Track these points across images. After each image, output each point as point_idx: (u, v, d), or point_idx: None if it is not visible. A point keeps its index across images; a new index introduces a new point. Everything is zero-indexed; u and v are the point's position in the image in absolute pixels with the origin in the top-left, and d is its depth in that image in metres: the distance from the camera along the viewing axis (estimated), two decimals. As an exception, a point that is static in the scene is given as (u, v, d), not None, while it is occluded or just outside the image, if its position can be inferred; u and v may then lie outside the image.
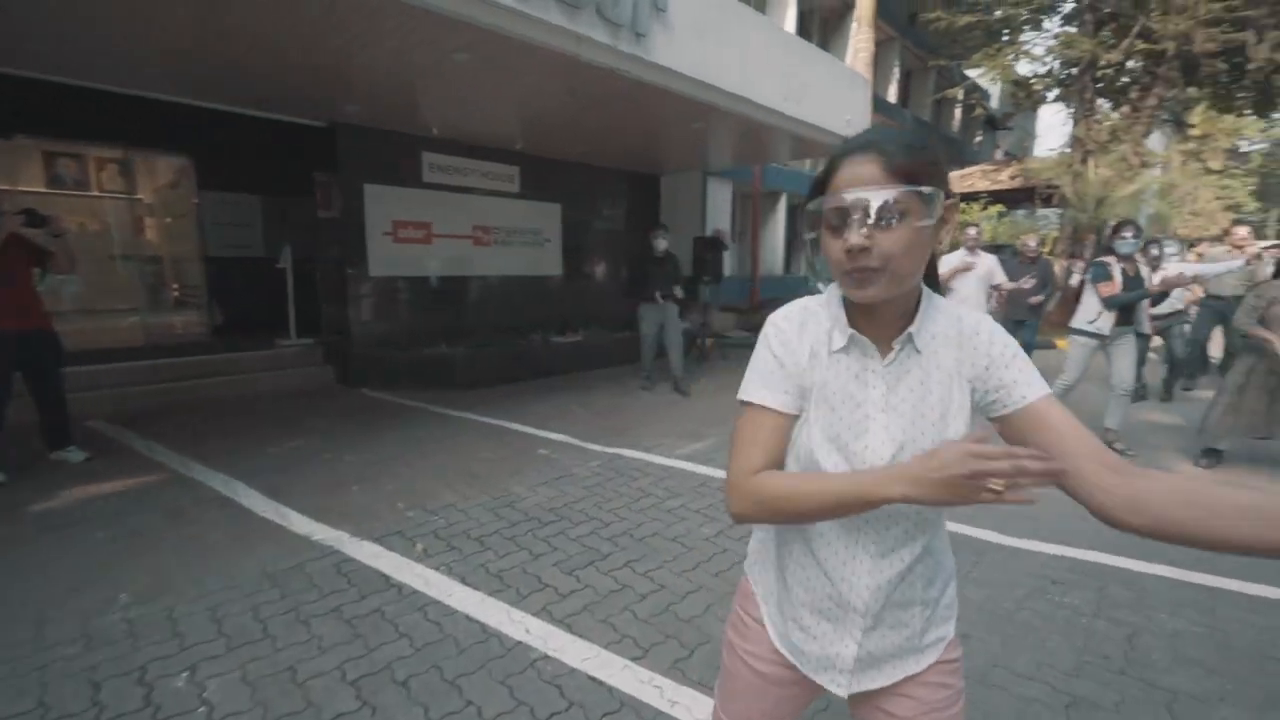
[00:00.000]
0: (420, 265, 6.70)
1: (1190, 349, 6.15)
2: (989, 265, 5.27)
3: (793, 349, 0.83)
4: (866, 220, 0.72)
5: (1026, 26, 12.49)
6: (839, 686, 0.88)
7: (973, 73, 16.48)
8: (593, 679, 1.92)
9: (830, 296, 0.85)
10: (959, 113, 21.52)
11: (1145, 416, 5.25)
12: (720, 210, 11.19)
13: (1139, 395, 5.60)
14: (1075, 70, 11.82)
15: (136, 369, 5.24)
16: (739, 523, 0.84)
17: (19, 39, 3.93)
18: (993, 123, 21.64)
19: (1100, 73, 11.76)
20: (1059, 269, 9.73)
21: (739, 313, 11.12)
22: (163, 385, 5.29)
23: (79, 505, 3.19)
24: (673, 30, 4.54)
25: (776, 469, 0.83)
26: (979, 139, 23.14)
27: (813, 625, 0.88)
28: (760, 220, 12.35)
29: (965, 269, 5.16)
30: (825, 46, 13.60)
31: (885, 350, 0.81)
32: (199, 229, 6.90)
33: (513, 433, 4.73)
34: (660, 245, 5.97)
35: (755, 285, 12.21)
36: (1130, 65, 11.67)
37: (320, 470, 3.78)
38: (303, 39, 3.86)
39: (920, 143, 0.76)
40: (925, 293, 0.82)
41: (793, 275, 13.82)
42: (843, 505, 0.73)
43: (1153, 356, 6.78)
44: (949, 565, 0.91)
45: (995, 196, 15.06)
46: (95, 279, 6.78)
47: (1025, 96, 13.84)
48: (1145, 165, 11.89)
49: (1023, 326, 5.94)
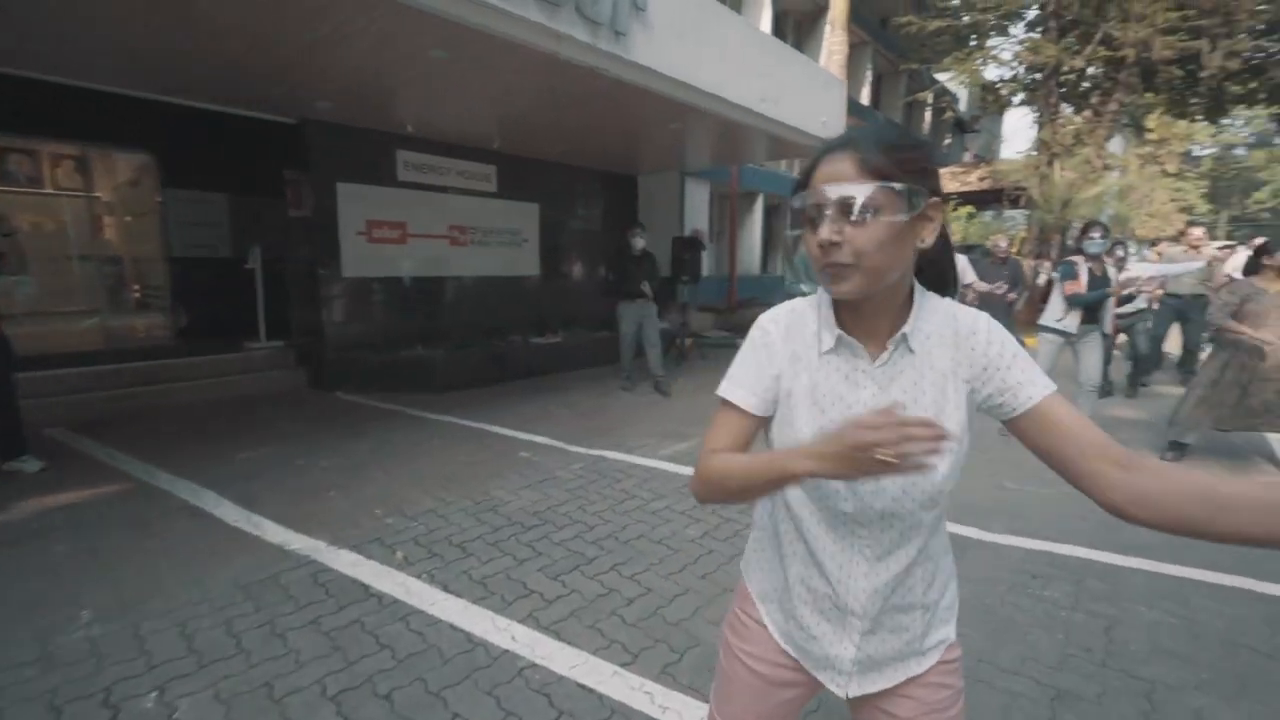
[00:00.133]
0: (395, 266, 6.57)
1: (1151, 346, 6.36)
2: (960, 265, 5.38)
3: (774, 352, 0.85)
4: (842, 216, 0.72)
5: (994, 32, 12.81)
6: (838, 687, 0.88)
7: (942, 76, 16.83)
8: (582, 686, 1.89)
9: (821, 297, 0.85)
10: (929, 115, 21.95)
11: (1112, 412, 5.40)
12: (698, 210, 11.22)
13: (1105, 391, 5.76)
14: (1040, 75, 12.15)
15: (96, 373, 5.03)
16: (699, 502, 0.89)
17: (-35, 28, 3.74)
18: (961, 126, 22.10)
19: (1063, 78, 12.12)
20: (1026, 268, 10.00)
21: (717, 312, 11.17)
22: (125, 390, 5.09)
23: (35, 518, 3.04)
24: (652, 30, 4.53)
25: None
26: (948, 141, 23.61)
27: (813, 625, 0.88)
28: (738, 221, 12.41)
29: None
30: (799, 49, 13.72)
31: (877, 350, 0.80)
32: (162, 228, 6.65)
33: (493, 435, 4.66)
34: (638, 244, 6.00)
35: (733, 285, 12.26)
36: (1091, 71, 12.05)
37: (294, 477, 3.67)
38: (272, 33, 3.74)
39: (901, 140, 0.76)
40: (919, 290, 0.81)
41: (769, 275, 13.92)
42: (766, 480, 0.75)
43: (1117, 354, 6.99)
44: (949, 566, 0.90)
45: (965, 198, 15.41)
46: (51, 280, 6.49)
47: (993, 100, 14.20)
48: (1108, 168, 12.29)
49: None
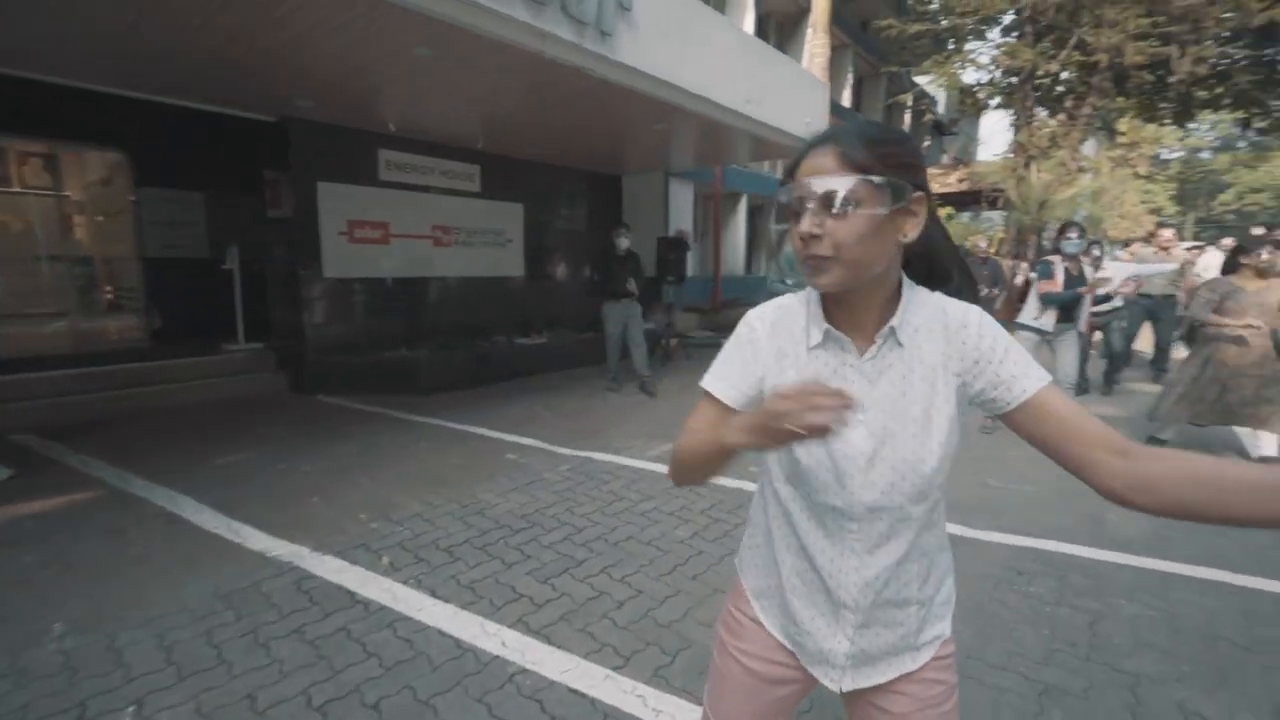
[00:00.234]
0: (378, 266, 6.47)
1: (1123, 344, 6.51)
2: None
3: (759, 349, 0.85)
4: (823, 209, 0.73)
5: (971, 36, 13.03)
6: (832, 681, 0.88)
7: (921, 80, 17.07)
8: (574, 691, 1.87)
9: (810, 293, 0.85)
10: (909, 118, 22.24)
11: (1089, 409, 5.50)
12: (682, 211, 11.23)
13: (1082, 389, 5.87)
14: (1016, 79, 12.38)
15: (67, 378, 4.89)
16: (674, 484, 0.94)
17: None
18: (940, 128, 22.43)
19: (1038, 82, 12.37)
20: (1005, 268, 10.18)
21: (701, 313, 11.20)
22: (97, 395, 4.95)
23: (4, 527, 2.93)
24: (638, 30, 4.52)
25: None
26: (927, 143, 23.96)
27: (807, 620, 0.88)
28: (722, 221, 12.46)
29: None
30: (781, 51, 13.83)
31: (865, 344, 0.80)
32: (136, 228, 6.49)
33: (479, 438, 4.61)
34: (622, 244, 6.00)
35: (717, 285, 12.31)
36: (1066, 76, 12.31)
37: (276, 482, 3.60)
38: (250, 29, 3.66)
39: (884, 135, 0.76)
40: (907, 284, 0.82)
41: (753, 275, 13.99)
42: (708, 453, 0.80)
43: (1092, 352, 7.14)
44: (945, 563, 0.90)
45: (944, 199, 15.64)
46: (18, 281, 6.30)
47: (970, 103, 14.44)
48: (1082, 170, 12.56)
49: None
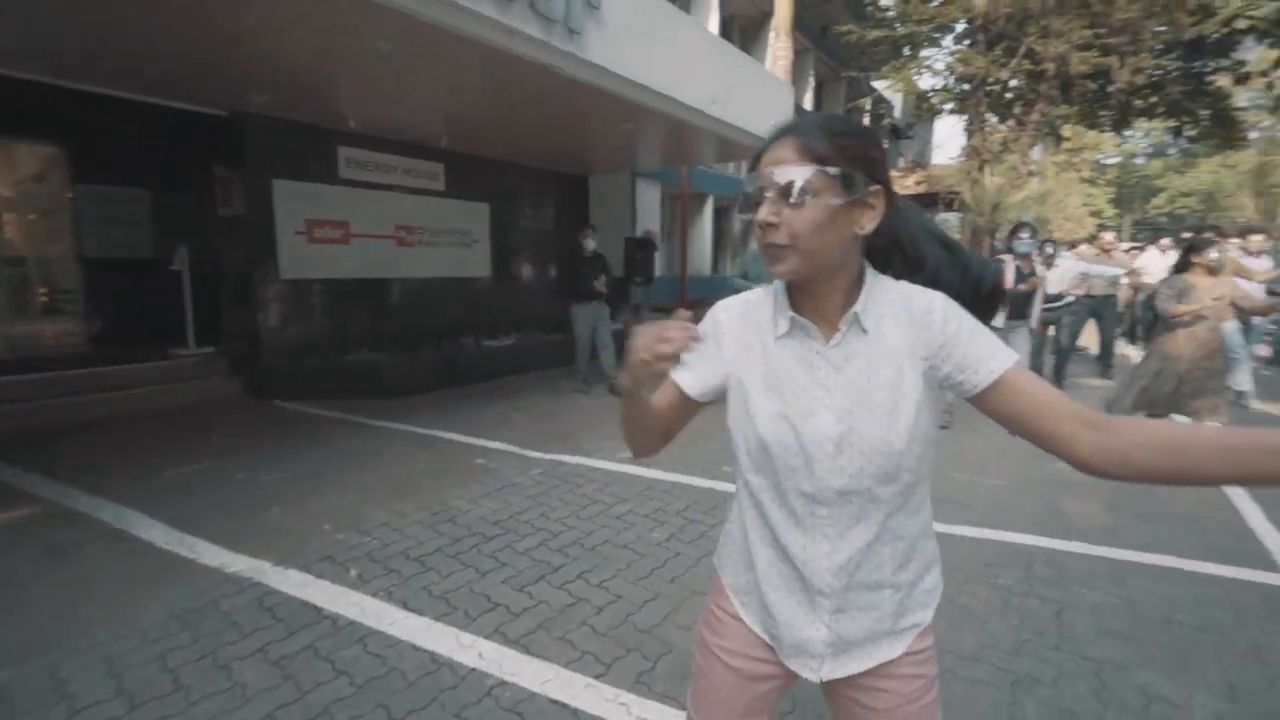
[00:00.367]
0: (338, 267, 6.26)
1: (1070, 341, 6.83)
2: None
3: (721, 340, 0.88)
4: (781, 198, 0.75)
5: (927, 43, 13.43)
6: (811, 672, 0.88)
7: (880, 84, 17.51)
8: (555, 702, 1.83)
9: (777, 284, 0.86)
10: (867, 121, 22.80)
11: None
12: (649, 211, 11.24)
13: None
14: (969, 86, 12.82)
15: (-2, 386, 4.58)
16: (635, 456, 0.97)
17: None
18: (897, 132, 23.08)
19: (989, 89, 12.83)
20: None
21: (669, 312, 11.20)
22: (31, 404, 4.64)
23: (-71, 550, 2.72)
24: (606, 29, 4.49)
25: (669, 425, 0.93)
26: (885, 146, 24.60)
27: (784, 610, 0.87)
28: (689, 221, 12.52)
29: None
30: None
31: (831, 331, 0.82)
32: (73, 227, 6.12)
33: (446, 442, 4.51)
34: (589, 245, 5.99)
35: (684, 285, 12.36)
36: (1015, 83, 12.81)
37: (233, 493, 3.44)
38: (199, 19, 3.49)
39: (844, 128, 0.78)
40: (870, 272, 0.83)
41: (720, 275, 14.10)
42: (625, 403, 0.86)
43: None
44: (928, 551, 0.89)
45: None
46: (-60, 283, 5.88)
47: (926, 108, 14.88)
48: (1031, 174, 13.09)
49: None
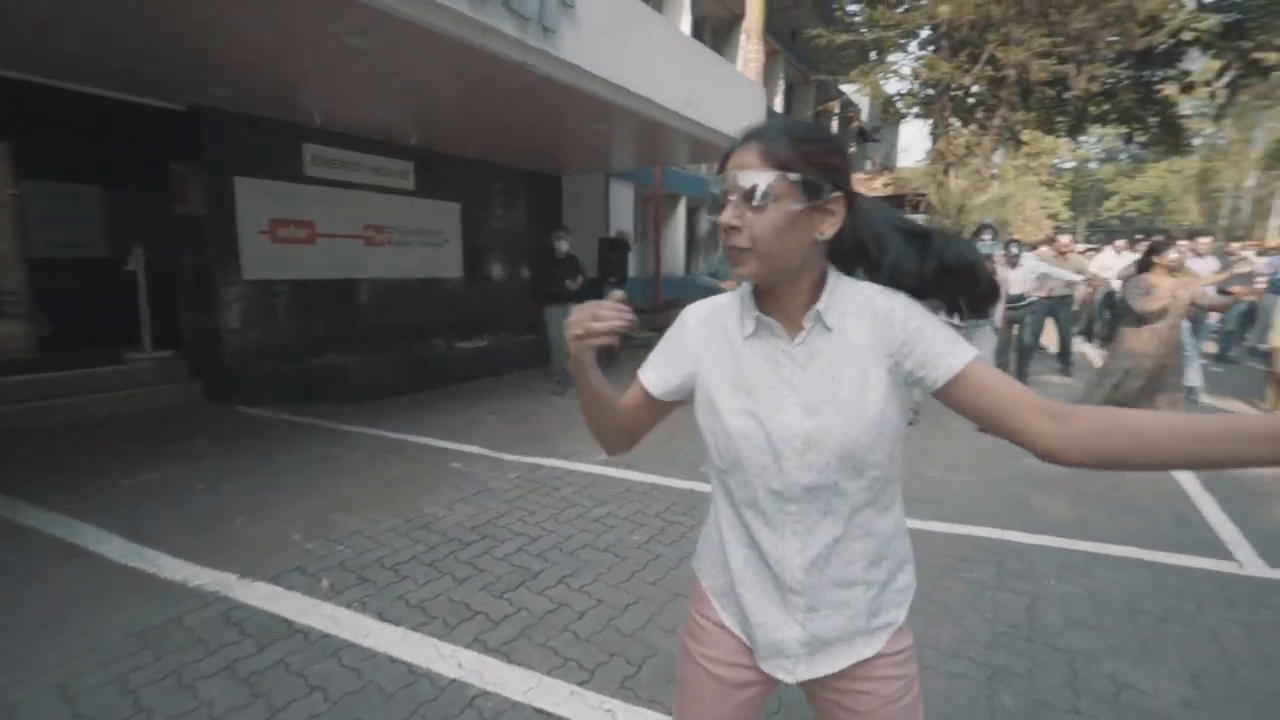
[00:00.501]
0: (304, 267, 6.08)
1: (1033, 339, 7.07)
2: (1004, 276, 5.74)
3: (686, 342, 0.90)
4: (744, 201, 0.77)
5: (894, 49, 13.71)
6: (787, 673, 0.88)
7: (848, 88, 17.82)
8: (539, 711, 1.80)
9: (745, 287, 0.87)
10: (835, 124, 23.18)
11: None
12: (623, 212, 11.22)
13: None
14: (934, 91, 13.13)
15: (-65, 394, 4.32)
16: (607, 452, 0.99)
17: None
18: (864, 135, 23.53)
19: (953, 94, 13.17)
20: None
21: (643, 313, 11.23)
22: (-26, 413, 4.40)
23: None
24: (581, 28, 4.45)
25: (634, 424, 0.96)
26: (853, 149, 25.08)
27: (759, 610, 0.88)
28: (662, 222, 12.54)
29: None
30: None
31: (796, 330, 0.83)
32: (18, 225, 5.81)
33: (419, 447, 4.42)
34: (562, 247, 5.96)
35: (658, 286, 12.38)
36: (977, 89, 13.17)
37: (195, 503, 3.30)
38: (154, 7, 3.34)
39: (808, 134, 0.79)
40: (832, 274, 0.85)
41: (693, 276, 14.17)
42: (585, 387, 0.89)
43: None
44: (901, 550, 0.90)
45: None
46: None
47: (892, 112, 15.20)
48: (994, 177, 13.48)
49: None
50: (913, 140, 40.62)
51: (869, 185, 17.31)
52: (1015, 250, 6.13)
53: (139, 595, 2.39)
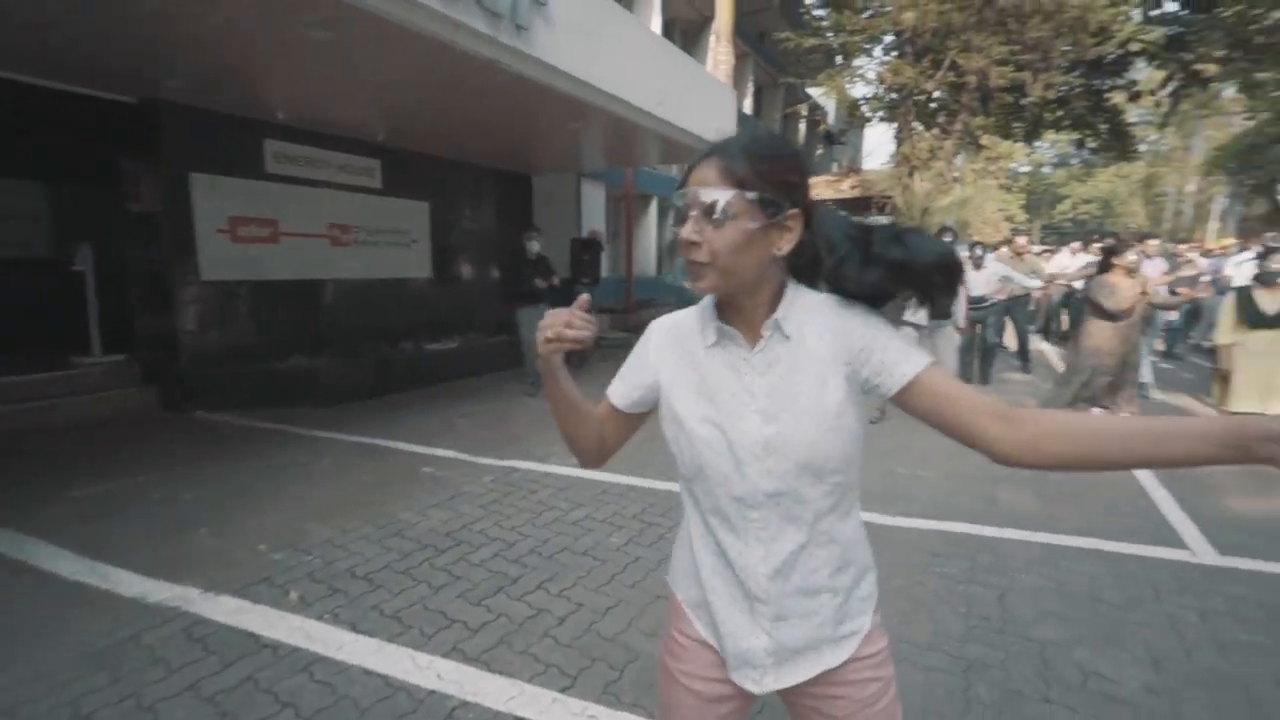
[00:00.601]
0: (266, 267, 5.88)
1: (996, 338, 7.30)
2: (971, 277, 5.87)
3: (647, 355, 0.92)
4: (704, 217, 0.78)
5: (860, 53, 13.99)
6: (754, 684, 0.88)
7: (814, 91, 18.12)
8: None
9: (708, 298, 0.88)
10: (803, 127, 23.53)
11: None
12: (594, 212, 11.17)
13: (964, 379, 6.47)
14: (898, 95, 13.44)
15: None
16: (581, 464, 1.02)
17: None
18: (831, 137, 23.94)
19: (916, 99, 13.51)
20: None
21: (615, 314, 11.20)
22: (-95, 422, 4.12)
23: None
24: (555, 26, 4.41)
25: (604, 436, 0.97)
26: (820, 152, 25.51)
27: (727, 620, 0.88)
28: (634, 222, 12.53)
29: None
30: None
31: (756, 339, 0.85)
32: (-48, 222, 5.49)
33: (390, 451, 4.32)
34: (534, 247, 5.92)
35: (630, 286, 12.36)
36: (939, 95, 13.54)
37: (152, 514, 3.16)
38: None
39: (768, 152, 0.80)
40: (791, 285, 0.86)
41: (665, 276, 14.20)
42: (555, 390, 0.89)
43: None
44: (863, 557, 0.91)
45: (839, 204, 16.70)
46: None
47: (857, 116, 15.52)
48: (956, 180, 13.87)
49: None
50: (878, 144, 41.42)
51: (837, 187, 17.63)
52: (979, 253, 6.31)
53: (93, 614, 2.27)
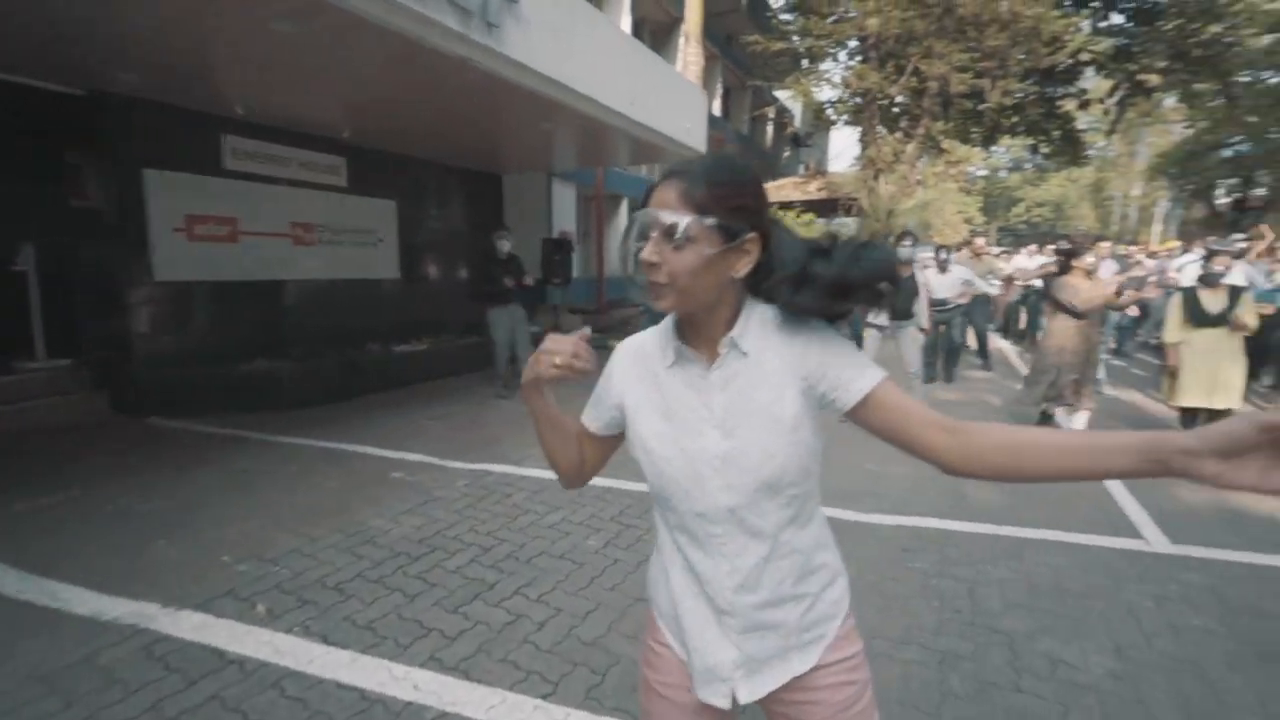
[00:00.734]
0: (225, 267, 5.66)
1: (961, 338, 7.52)
2: (923, 280, 5.92)
3: (612, 378, 0.94)
4: (664, 239, 0.79)
5: (826, 58, 14.26)
6: (723, 699, 0.88)
7: (781, 94, 18.39)
8: (502, 728, 1.75)
9: (669, 317, 0.90)
10: (770, 129, 23.84)
11: (936, 395, 6.23)
12: (565, 212, 11.12)
13: (929, 378, 6.63)
14: (863, 100, 13.74)
15: None
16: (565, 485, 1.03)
17: None
18: (798, 140, 24.33)
19: (880, 103, 13.84)
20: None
21: (586, 314, 11.16)
22: None
23: None
24: (527, 25, 4.36)
25: (584, 456, 1.00)
26: (787, 154, 25.88)
27: (696, 634, 0.89)
28: (605, 222, 12.50)
29: None
30: (657, 57, 14.15)
31: (715, 357, 0.86)
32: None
33: (359, 456, 4.21)
34: (504, 247, 5.85)
35: (601, 286, 12.33)
36: (902, 100, 13.89)
37: (105, 527, 3.01)
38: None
39: (728, 178, 0.80)
40: (749, 304, 0.87)
41: (634, 276, 14.20)
42: (537, 403, 0.92)
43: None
44: (830, 563, 0.93)
45: (807, 206, 16.97)
46: None
47: (824, 119, 15.82)
48: (919, 183, 14.25)
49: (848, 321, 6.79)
50: (844, 146, 42.21)
51: (804, 189, 17.90)
52: (944, 256, 6.49)
53: (43, 634, 2.15)
